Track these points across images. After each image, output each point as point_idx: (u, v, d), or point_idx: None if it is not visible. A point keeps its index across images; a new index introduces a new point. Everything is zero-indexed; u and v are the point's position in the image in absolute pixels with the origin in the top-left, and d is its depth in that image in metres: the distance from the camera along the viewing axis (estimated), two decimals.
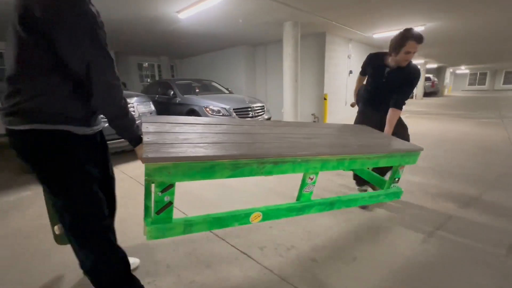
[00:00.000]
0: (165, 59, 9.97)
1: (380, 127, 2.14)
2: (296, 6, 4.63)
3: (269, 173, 1.18)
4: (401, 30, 1.94)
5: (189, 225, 1.13)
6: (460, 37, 7.87)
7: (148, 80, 10.23)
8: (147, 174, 0.96)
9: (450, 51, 11.37)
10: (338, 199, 1.52)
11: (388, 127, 2.07)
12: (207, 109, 4.78)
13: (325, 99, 6.85)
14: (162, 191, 1.02)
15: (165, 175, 0.98)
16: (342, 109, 8.00)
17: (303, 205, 1.39)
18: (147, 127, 1.29)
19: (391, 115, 2.07)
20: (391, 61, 2.06)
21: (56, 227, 1.32)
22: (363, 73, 2.42)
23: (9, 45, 0.91)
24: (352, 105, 2.58)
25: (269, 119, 5.58)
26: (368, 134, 1.95)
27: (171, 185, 1.03)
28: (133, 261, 1.48)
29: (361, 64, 2.40)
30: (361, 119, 2.38)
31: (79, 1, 0.87)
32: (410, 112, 9.11)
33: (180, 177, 1.02)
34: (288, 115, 6.01)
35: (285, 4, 4.48)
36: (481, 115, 8.06)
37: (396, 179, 1.76)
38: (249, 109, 5.08)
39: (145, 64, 10.29)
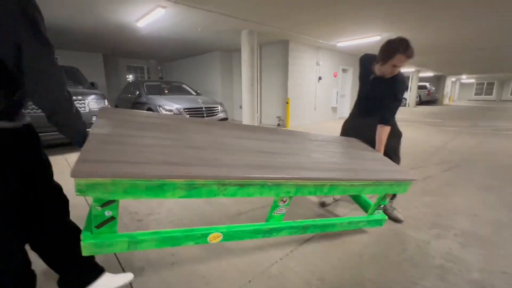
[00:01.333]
0: (154, 62, 10.67)
1: (368, 133, 2.03)
2: (243, 18, 5.09)
3: (233, 195, 1.05)
4: (392, 38, 1.68)
5: (134, 242, 1.00)
6: (434, 47, 8.05)
7: None
8: (79, 190, 0.81)
9: (440, 60, 11.42)
10: (312, 223, 1.40)
11: (378, 145, 1.93)
12: (161, 108, 5.29)
13: (287, 103, 7.24)
14: (101, 206, 0.90)
15: (102, 192, 0.84)
16: (310, 114, 8.32)
17: (271, 227, 1.27)
18: (97, 124, 1.14)
19: (380, 132, 1.91)
20: (377, 69, 1.87)
21: None
22: (359, 77, 2.17)
23: None
24: None
25: (225, 119, 6.03)
26: (358, 153, 1.78)
27: (113, 201, 0.90)
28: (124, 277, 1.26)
29: (331, 71, 2.19)
30: (350, 122, 2.28)
31: None
32: None
33: (121, 195, 0.88)
34: (246, 116, 6.44)
35: (231, 16, 4.95)
36: (453, 124, 8.14)
37: (382, 206, 1.66)
38: (201, 109, 5.56)
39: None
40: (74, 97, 0.92)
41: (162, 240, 1.05)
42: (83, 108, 4.28)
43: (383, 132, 1.91)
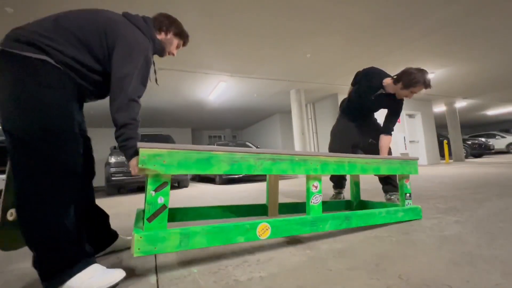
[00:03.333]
0: (228, 131, 12.81)
1: (356, 134, 2.38)
2: (287, 79, 6.13)
3: (268, 171, 1.18)
4: (417, 70, 1.88)
5: (186, 237, 1.01)
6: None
7: None
8: (142, 161, 0.94)
9: None
10: (353, 214, 1.42)
11: (384, 153, 2.16)
12: None
13: None
14: (155, 190, 0.99)
15: (160, 164, 0.97)
16: None
17: (315, 218, 1.30)
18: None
19: (385, 141, 2.15)
20: (390, 87, 2.04)
21: (10, 212, 0.99)
22: (354, 83, 2.34)
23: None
24: None
25: None
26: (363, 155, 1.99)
27: (166, 183, 1.00)
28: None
29: (383, 116, 2.25)
30: (338, 126, 2.51)
31: (147, 44, 1.14)
32: (479, 163, 7.74)
33: (175, 168, 1.00)
34: None
35: (276, 79, 6.08)
36: None
37: (407, 194, 1.70)
38: None
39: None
40: None
41: (214, 234, 1.05)
42: None
43: (388, 141, 2.17)
